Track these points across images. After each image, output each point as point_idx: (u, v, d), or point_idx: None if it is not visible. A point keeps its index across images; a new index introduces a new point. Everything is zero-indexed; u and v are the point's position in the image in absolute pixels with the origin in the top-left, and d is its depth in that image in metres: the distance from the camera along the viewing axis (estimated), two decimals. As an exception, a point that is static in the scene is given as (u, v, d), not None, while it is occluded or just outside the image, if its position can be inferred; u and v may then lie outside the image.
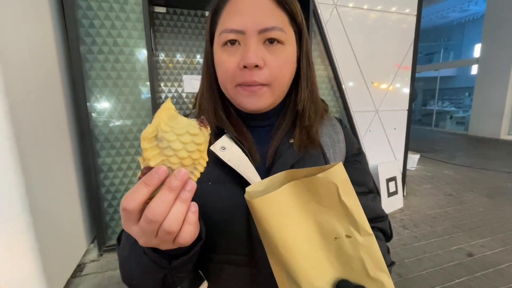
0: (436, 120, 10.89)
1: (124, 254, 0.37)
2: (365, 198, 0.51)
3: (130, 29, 1.87)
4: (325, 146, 0.49)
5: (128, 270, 0.37)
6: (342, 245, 0.30)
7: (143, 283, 0.36)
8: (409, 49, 2.79)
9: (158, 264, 0.32)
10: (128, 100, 1.95)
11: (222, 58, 0.41)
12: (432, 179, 3.89)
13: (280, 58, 0.40)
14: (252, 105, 0.42)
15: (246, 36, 0.39)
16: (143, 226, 0.24)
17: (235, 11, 0.39)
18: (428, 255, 2.01)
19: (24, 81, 1.35)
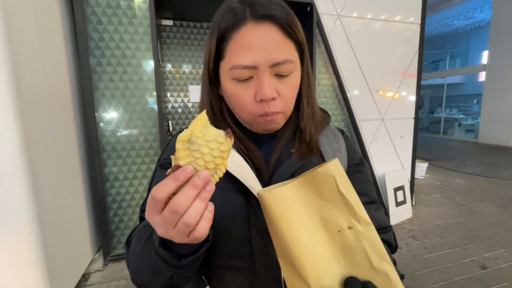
0: (444, 128, 10.72)
1: (135, 254, 0.40)
2: (368, 208, 0.50)
3: (138, 41, 1.92)
4: (326, 155, 0.50)
5: (138, 270, 0.40)
6: (346, 238, 0.32)
7: (151, 282, 0.38)
8: (414, 57, 2.79)
9: (168, 263, 0.34)
10: (135, 110, 1.99)
11: (237, 91, 0.42)
12: (442, 188, 3.81)
13: (290, 87, 0.43)
14: (271, 129, 0.45)
15: (259, 71, 0.40)
16: (166, 216, 0.27)
17: (245, 45, 0.39)
18: (440, 267, 1.94)
19: (35, 91, 1.39)
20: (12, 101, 1.19)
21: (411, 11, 2.72)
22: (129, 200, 2.05)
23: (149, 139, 2.05)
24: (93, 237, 2.01)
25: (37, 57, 1.44)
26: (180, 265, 0.34)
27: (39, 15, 1.49)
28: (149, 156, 2.06)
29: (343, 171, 0.31)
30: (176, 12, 2.43)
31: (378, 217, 0.51)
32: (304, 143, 0.47)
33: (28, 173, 1.26)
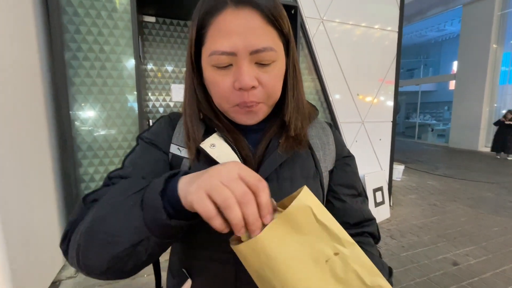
0: (419, 133, 11.31)
1: (107, 202, 0.33)
2: (355, 201, 0.51)
3: (118, 36, 1.85)
4: (315, 148, 0.50)
5: (105, 219, 0.32)
6: (335, 265, 0.31)
7: (112, 240, 0.31)
8: (392, 65, 2.91)
9: (154, 218, 0.30)
10: (114, 108, 1.90)
11: (215, 78, 0.40)
12: (416, 189, 3.99)
13: (273, 75, 0.41)
14: (250, 120, 0.44)
15: (238, 58, 0.38)
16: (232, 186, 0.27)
17: (224, 30, 0.38)
18: (415, 265, 2.02)
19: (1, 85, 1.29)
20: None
21: (389, 20, 2.84)
22: (105, 202, 1.95)
23: (128, 138, 1.96)
24: (64, 241, 1.88)
25: (3, 48, 1.34)
26: (164, 224, 0.30)
27: (7, 2, 1.39)
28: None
29: (315, 197, 0.30)
30: (159, 8, 2.37)
31: (364, 209, 0.52)
32: (291, 137, 0.46)
33: (-9, 172, 1.16)
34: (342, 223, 0.49)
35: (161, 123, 0.50)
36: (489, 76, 8.14)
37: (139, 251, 0.31)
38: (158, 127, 0.50)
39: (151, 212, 0.30)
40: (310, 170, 0.48)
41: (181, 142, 0.47)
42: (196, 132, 0.44)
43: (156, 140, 0.47)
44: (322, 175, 0.49)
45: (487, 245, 2.32)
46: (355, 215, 0.50)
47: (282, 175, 0.45)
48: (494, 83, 8.27)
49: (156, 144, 0.47)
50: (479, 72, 8.24)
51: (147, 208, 0.31)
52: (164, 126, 0.50)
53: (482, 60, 8.14)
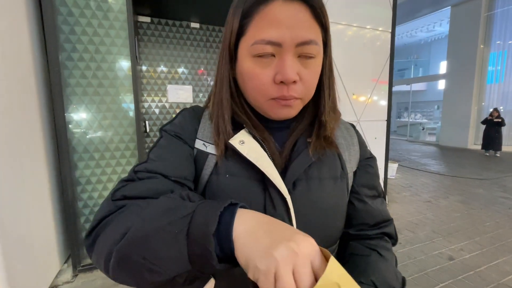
0: (410, 131, 11.51)
1: (152, 219, 0.30)
2: (375, 202, 0.52)
3: (114, 37, 1.83)
4: (341, 148, 0.49)
5: (143, 247, 0.29)
6: None
7: (150, 269, 0.29)
8: (386, 65, 2.96)
9: (201, 257, 0.27)
10: (110, 109, 1.88)
11: (255, 70, 0.39)
12: (410, 187, 4.06)
13: (312, 72, 0.41)
14: (284, 115, 0.43)
15: (283, 49, 0.37)
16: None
17: (272, 20, 0.37)
18: (413, 260, 2.06)
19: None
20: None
21: (381, 21, 2.89)
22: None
23: (125, 139, 1.94)
24: (61, 246, 1.84)
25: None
26: (211, 265, 0.27)
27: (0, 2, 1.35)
28: (125, 157, 1.95)
29: (342, 269, 0.27)
30: (154, 8, 2.35)
31: (383, 210, 0.52)
32: (323, 136, 0.45)
33: (-14, 176, 1.13)
34: (362, 224, 0.50)
35: (185, 116, 0.49)
36: (477, 76, 8.36)
37: (177, 281, 0.30)
38: (183, 120, 0.48)
39: (197, 249, 0.28)
40: (337, 171, 0.47)
41: (206, 138, 0.46)
42: (228, 127, 0.43)
43: (182, 133, 0.46)
44: (348, 176, 0.49)
45: (481, 239, 2.38)
46: (375, 216, 0.50)
47: (311, 175, 0.45)
48: (481, 82, 8.50)
49: (181, 137, 0.45)
50: (467, 72, 8.46)
51: (194, 243, 0.28)
52: (189, 119, 0.48)
53: (470, 60, 8.36)
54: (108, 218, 0.34)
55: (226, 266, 0.28)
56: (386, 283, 0.43)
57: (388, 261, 0.47)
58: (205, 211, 0.30)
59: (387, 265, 0.46)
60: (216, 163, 0.44)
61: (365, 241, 0.50)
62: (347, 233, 0.50)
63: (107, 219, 0.34)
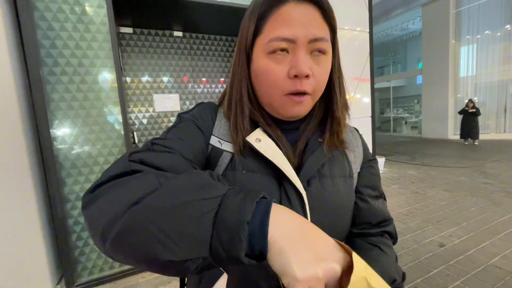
0: (394, 126, 11.89)
1: (181, 195, 0.27)
2: (378, 202, 0.54)
3: (97, 49, 1.80)
4: (347, 150, 0.52)
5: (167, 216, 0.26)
6: None
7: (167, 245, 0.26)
8: (366, 63, 3.08)
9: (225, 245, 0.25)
10: (97, 122, 1.84)
11: (270, 66, 0.41)
12: (398, 179, 4.19)
13: (323, 68, 0.43)
14: (296, 113, 0.45)
15: (297, 46, 0.40)
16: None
17: (285, 19, 0.40)
18: (406, 250, 2.12)
19: (-24, 106, 1.22)
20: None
21: (359, 21, 3.01)
22: (94, 220, 1.86)
23: (114, 152, 1.91)
24: (52, 266, 1.77)
25: (-24, 66, 1.27)
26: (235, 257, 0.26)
27: (-23, 19, 1.32)
28: (115, 170, 1.91)
29: (366, 264, 0.27)
30: (136, 19, 2.34)
31: (385, 210, 0.55)
32: (336, 134, 0.48)
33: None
34: (364, 223, 0.52)
35: (204, 108, 0.50)
36: (451, 69, 8.79)
37: (188, 266, 0.26)
38: (202, 111, 0.49)
39: (225, 235, 0.26)
40: (346, 170, 0.50)
41: (222, 135, 0.47)
42: (246, 124, 0.45)
43: (200, 123, 0.47)
44: (353, 176, 0.51)
45: (467, 225, 2.49)
46: (377, 216, 0.53)
47: (324, 173, 0.47)
48: (456, 75, 8.94)
49: (200, 127, 0.46)
50: (442, 66, 8.88)
51: (223, 228, 0.26)
52: (209, 112, 0.49)
53: (443, 55, 8.79)
54: (122, 178, 0.31)
55: (252, 261, 0.26)
56: (387, 276, 0.45)
57: (389, 256, 0.49)
58: (239, 196, 0.28)
59: (388, 260, 0.48)
60: (231, 160, 0.45)
61: (367, 238, 0.52)
62: (350, 232, 0.53)
63: (120, 179, 0.31)
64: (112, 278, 1.87)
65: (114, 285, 1.83)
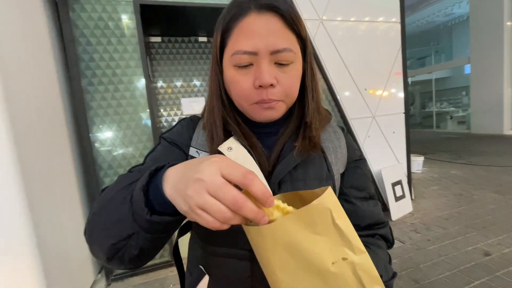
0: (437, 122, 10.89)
1: (106, 195, 0.36)
2: (367, 204, 0.53)
3: (128, 59, 1.96)
4: (327, 151, 0.51)
5: (101, 212, 0.35)
6: (340, 269, 0.31)
7: (107, 232, 0.33)
8: (398, 55, 2.87)
9: (136, 215, 0.31)
10: (129, 126, 2.01)
11: (236, 77, 0.43)
12: (439, 180, 3.84)
13: (290, 76, 0.43)
14: (268, 117, 0.46)
15: (259, 57, 0.41)
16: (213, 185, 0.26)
17: (247, 32, 0.41)
18: (444, 257, 1.94)
19: (27, 116, 1.41)
20: (5, 129, 1.21)
21: (393, 12, 2.81)
22: (128, 217, 2.04)
23: (144, 154, 2.05)
24: (94, 258, 1.97)
25: (28, 82, 1.47)
26: (147, 220, 0.30)
27: (28, 39, 1.52)
28: (146, 171, 2.06)
29: (337, 200, 0.30)
30: (163, 29, 2.49)
31: (376, 212, 0.53)
32: (307, 139, 0.48)
33: (24, 197, 1.26)
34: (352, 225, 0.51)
35: (183, 125, 0.53)
36: (507, 55, 7.76)
37: (131, 244, 0.32)
38: (180, 128, 0.53)
39: (136, 207, 0.31)
40: (322, 172, 0.49)
41: (199, 146, 0.50)
42: (219, 133, 0.47)
43: (178, 140, 0.50)
44: (334, 177, 0.50)
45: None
46: (365, 218, 0.51)
47: (296, 177, 0.47)
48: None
49: (177, 144, 0.50)
50: (495, 52, 7.88)
51: (134, 203, 0.31)
52: (186, 128, 0.53)
53: (497, 39, 7.79)
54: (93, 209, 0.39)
55: (162, 218, 0.30)
56: None
57: (378, 255, 0.47)
58: (143, 176, 0.32)
59: (376, 257, 0.47)
60: None
61: None
62: None
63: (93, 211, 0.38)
64: (144, 270, 2.03)
65: (146, 277, 1.98)
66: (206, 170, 0.26)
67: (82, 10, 1.84)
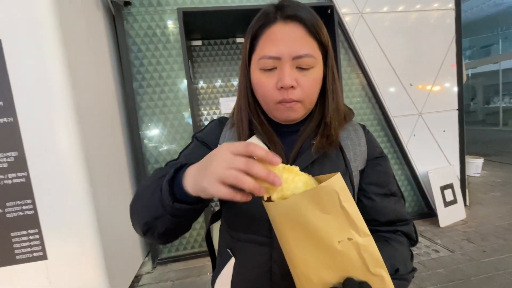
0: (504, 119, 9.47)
1: (146, 183, 0.45)
2: (387, 200, 0.53)
3: (172, 63, 2.14)
4: (345, 148, 0.53)
5: (140, 196, 0.44)
6: (345, 248, 0.33)
7: (142, 212, 0.42)
8: (451, 45, 2.60)
9: (163, 200, 0.38)
10: (173, 125, 2.19)
11: (261, 79, 0.48)
12: (503, 186, 3.37)
13: (310, 79, 0.48)
14: (288, 117, 0.50)
15: (282, 62, 0.46)
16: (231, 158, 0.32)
17: (272, 39, 0.46)
18: (501, 272, 1.73)
19: (92, 115, 1.64)
20: (75, 124, 1.43)
21: None
22: (171, 207, 2.23)
23: (186, 150, 2.22)
24: (142, 242, 2.21)
25: (91, 85, 1.70)
26: (171, 206, 0.37)
27: (93, 50, 1.76)
28: (187, 166, 2.23)
29: (345, 185, 0.32)
30: (204, 32, 2.64)
31: (398, 209, 0.53)
32: (325, 137, 0.50)
33: (88, 184, 1.48)
34: (371, 220, 0.52)
35: (212, 126, 0.60)
36: None
37: (158, 224, 0.40)
38: (210, 129, 0.60)
39: (163, 196, 0.38)
40: (339, 168, 0.51)
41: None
42: (245, 130, 0.52)
43: (207, 139, 0.57)
44: (352, 174, 0.52)
45: None
46: (386, 214, 0.52)
47: (313, 172, 0.48)
48: None
49: (206, 143, 0.57)
50: None
51: (162, 192, 0.38)
52: (214, 128, 0.59)
53: None
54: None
55: (181, 205, 0.37)
56: (389, 263, 0.43)
57: (396, 250, 0.48)
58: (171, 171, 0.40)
59: (393, 251, 0.47)
60: None
61: (376, 234, 0.51)
62: None
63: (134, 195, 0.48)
64: (185, 257, 2.20)
65: (186, 264, 2.15)
66: (219, 152, 0.33)
67: (134, 21, 2.06)
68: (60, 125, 1.36)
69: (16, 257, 1.34)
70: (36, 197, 1.34)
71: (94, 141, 1.61)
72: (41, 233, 1.36)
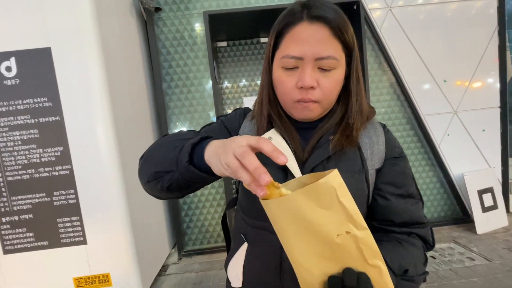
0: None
1: (166, 140, 0.49)
2: (403, 201, 0.52)
3: (198, 64, 2.24)
4: (363, 146, 0.53)
5: (158, 148, 0.48)
6: (344, 241, 0.34)
7: (158, 161, 0.46)
8: (493, 38, 2.39)
9: (178, 159, 0.41)
10: (199, 123, 2.29)
11: (282, 77, 0.49)
12: (555, 191, 3.02)
13: (331, 80, 0.48)
14: (304, 116, 0.51)
15: (304, 62, 0.46)
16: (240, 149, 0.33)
17: (296, 39, 0.46)
18: (548, 286, 1.57)
19: (125, 114, 1.77)
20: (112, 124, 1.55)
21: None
22: (196, 202, 2.33)
23: (210, 148, 2.31)
24: (169, 234, 2.34)
25: (126, 88, 1.84)
26: (185, 166, 0.40)
27: (127, 54, 1.90)
28: (211, 163, 2.32)
29: (342, 181, 0.33)
30: (229, 33, 2.71)
31: (415, 211, 0.52)
32: (345, 136, 0.51)
33: (122, 179, 1.60)
34: (385, 220, 0.53)
35: (236, 113, 0.62)
36: None
37: (165, 178, 0.44)
38: (234, 116, 0.62)
39: (182, 154, 0.41)
40: (355, 166, 0.51)
41: (245, 134, 0.57)
42: (264, 123, 0.54)
43: (229, 125, 0.60)
44: (368, 172, 0.52)
45: None
46: (400, 215, 0.51)
47: (328, 168, 0.50)
48: None
49: (228, 128, 0.59)
50: None
51: (182, 152, 0.41)
52: (238, 117, 0.61)
53: None
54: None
55: (194, 170, 0.40)
56: (398, 263, 0.44)
57: (408, 252, 0.47)
58: (197, 137, 0.43)
59: (405, 252, 0.47)
60: None
61: (390, 234, 0.51)
62: (372, 225, 0.53)
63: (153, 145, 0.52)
64: (209, 251, 2.29)
65: (209, 257, 2.24)
66: (238, 138, 0.35)
67: (164, 25, 2.19)
68: (99, 124, 1.50)
69: (62, 241, 1.50)
70: (78, 188, 1.48)
71: (127, 139, 1.74)
72: (82, 220, 1.51)
